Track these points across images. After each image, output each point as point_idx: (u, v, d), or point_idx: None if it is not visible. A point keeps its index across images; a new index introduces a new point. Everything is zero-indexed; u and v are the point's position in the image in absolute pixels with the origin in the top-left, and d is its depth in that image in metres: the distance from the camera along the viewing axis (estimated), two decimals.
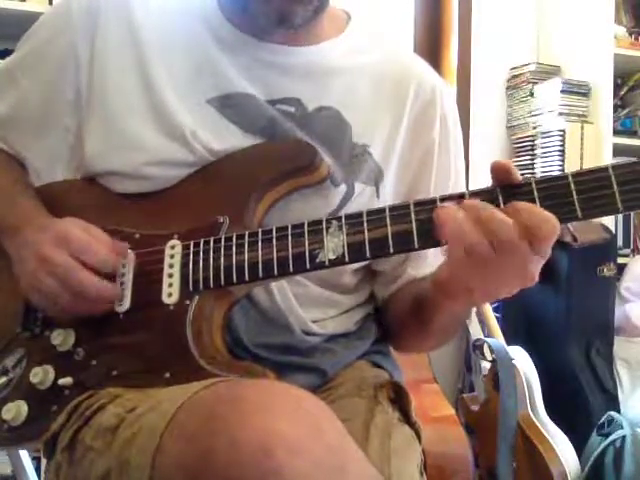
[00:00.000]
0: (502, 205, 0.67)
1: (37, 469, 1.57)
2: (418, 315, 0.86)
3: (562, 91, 2.59)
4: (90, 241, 0.79)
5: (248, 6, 0.85)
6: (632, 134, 2.76)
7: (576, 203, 0.66)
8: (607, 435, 2.06)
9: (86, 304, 0.78)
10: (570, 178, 0.67)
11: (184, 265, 0.79)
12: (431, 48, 2.81)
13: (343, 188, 0.86)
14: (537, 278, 0.68)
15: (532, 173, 2.63)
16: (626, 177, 0.65)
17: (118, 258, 0.80)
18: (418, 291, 0.86)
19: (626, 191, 0.65)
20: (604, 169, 0.66)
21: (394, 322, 0.96)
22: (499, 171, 0.68)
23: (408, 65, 0.97)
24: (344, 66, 0.92)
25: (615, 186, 0.65)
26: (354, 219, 0.73)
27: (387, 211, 0.72)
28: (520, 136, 2.72)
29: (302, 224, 0.75)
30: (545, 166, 2.59)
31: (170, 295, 0.79)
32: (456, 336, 2.49)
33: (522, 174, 2.62)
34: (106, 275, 0.79)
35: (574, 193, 0.66)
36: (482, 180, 0.73)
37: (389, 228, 0.71)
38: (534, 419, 2.01)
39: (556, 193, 0.67)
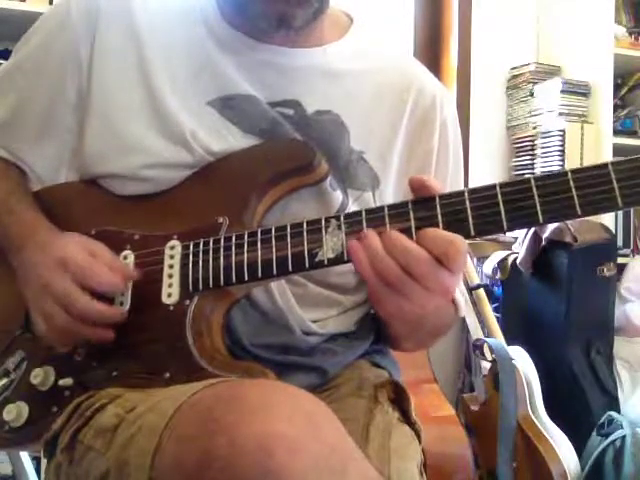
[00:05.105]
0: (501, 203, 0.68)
1: (37, 469, 1.58)
2: None
3: (562, 91, 2.58)
4: (91, 263, 0.78)
5: (247, 8, 0.85)
6: (632, 134, 2.75)
7: (575, 199, 0.66)
8: (607, 435, 2.06)
9: (87, 329, 0.78)
10: (569, 175, 0.67)
11: (184, 265, 0.79)
12: (431, 48, 2.80)
13: (339, 193, 0.86)
14: (454, 291, 0.73)
15: (532, 173, 2.63)
16: (625, 173, 0.65)
17: (121, 280, 0.79)
18: None
19: (625, 187, 0.65)
20: (603, 166, 0.66)
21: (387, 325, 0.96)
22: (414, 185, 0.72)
23: (409, 72, 0.97)
24: (345, 70, 0.91)
25: (614, 182, 0.65)
26: (353, 218, 0.74)
27: (386, 210, 0.72)
28: (520, 136, 2.71)
29: (301, 223, 0.75)
30: (545, 166, 2.59)
31: (170, 295, 0.79)
32: (455, 335, 2.49)
33: (522, 174, 2.63)
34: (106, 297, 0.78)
35: (573, 190, 0.66)
36: (482, 180, 0.74)
37: (388, 227, 0.71)
38: (534, 419, 2.01)
39: (555, 190, 0.67)
